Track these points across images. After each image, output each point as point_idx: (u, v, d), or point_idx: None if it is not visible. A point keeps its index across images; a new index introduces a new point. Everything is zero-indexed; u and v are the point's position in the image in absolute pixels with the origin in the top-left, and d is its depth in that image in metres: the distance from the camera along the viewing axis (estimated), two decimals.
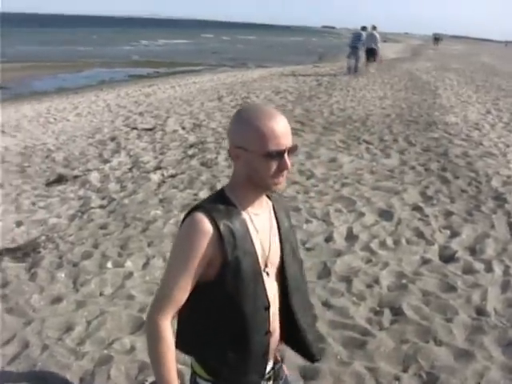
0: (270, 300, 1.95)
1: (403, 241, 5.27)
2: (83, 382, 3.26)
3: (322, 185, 6.98)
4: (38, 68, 30.71)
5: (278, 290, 2.02)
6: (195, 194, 6.67)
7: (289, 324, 2.08)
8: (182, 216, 5.50)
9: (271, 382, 2.11)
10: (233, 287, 1.87)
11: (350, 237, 5.40)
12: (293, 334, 2.11)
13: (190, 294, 1.90)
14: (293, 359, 3.46)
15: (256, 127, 1.78)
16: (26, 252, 5.00)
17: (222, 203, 1.89)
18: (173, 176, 7.53)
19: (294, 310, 2.06)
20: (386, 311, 4.09)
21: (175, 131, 10.73)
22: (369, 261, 4.89)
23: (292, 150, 1.82)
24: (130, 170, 7.99)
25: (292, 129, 1.81)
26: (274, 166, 1.80)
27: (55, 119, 13.10)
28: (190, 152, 8.91)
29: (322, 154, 8.44)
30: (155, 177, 7.51)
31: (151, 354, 1.87)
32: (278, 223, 2.03)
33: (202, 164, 8.11)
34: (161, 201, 6.49)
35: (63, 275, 4.57)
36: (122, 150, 9.29)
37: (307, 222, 5.77)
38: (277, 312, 2.01)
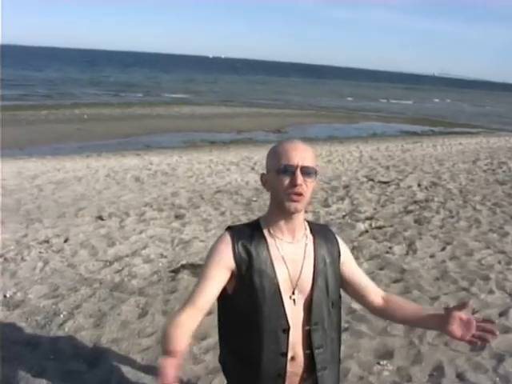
0: (292, 325, 2.07)
1: None
2: (188, 382, 3.60)
3: None
4: (317, 116, 32.86)
5: (304, 320, 2.11)
6: (390, 248, 6.64)
7: (309, 358, 2.16)
8: (366, 265, 5.61)
9: None
10: (247, 303, 2.05)
11: None
12: (310, 371, 2.18)
13: (218, 304, 2.17)
14: None
15: (275, 150, 2.06)
16: None
17: (250, 227, 2.14)
18: (379, 227, 7.57)
19: (314, 345, 2.13)
20: None
21: (409, 187, 10.68)
22: None
23: (305, 169, 1.98)
24: (344, 216, 8.22)
25: None
26: (286, 180, 1.97)
27: None
28: (411, 208, 8.81)
29: None
30: (362, 226, 7.62)
31: (162, 336, 2.14)
32: (314, 256, 2.14)
33: (416, 221, 7.99)
34: (353, 248, 6.58)
35: None
36: (347, 197, 9.58)
37: (490, 292, 5.36)
38: (300, 339, 2.11)
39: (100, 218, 7.61)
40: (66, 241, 6.55)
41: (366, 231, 7.41)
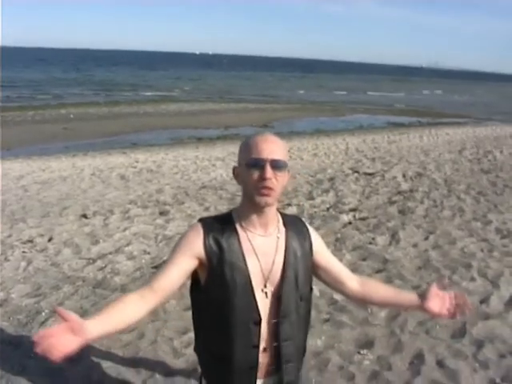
0: (263, 317, 2.08)
1: None
2: (168, 375, 3.64)
3: None
4: (304, 110, 32.86)
5: (274, 312, 2.12)
6: (373, 238, 6.67)
7: (277, 350, 2.17)
8: (349, 256, 5.60)
9: None
10: (218, 295, 2.05)
11: (511, 303, 4.93)
12: (277, 362, 2.19)
13: (191, 296, 2.18)
14: None
15: (246, 143, 2.04)
16: None
17: (221, 220, 2.13)
18: (363, 219, 7.61)
19: (281, 337, 2.14)
20: None
21: (394, 178, 10.73)
22: None
23: (275, 163, 1.96)
24: (328, 209, 8.25)
25: None
26: (255, 174, 1.96)
27: (290, 157, 13.89)
28: (395, 198, 8.86)
29: None
30: (345, 217, 7.66)
31: None
32: (286, 249, 2.14)
33: (400, 211, 8.03)
34: (336, 240, 6.62)
35: None
36: (332, 190, 9.61)
37: (471, 279, 5.40)
38: (270, 331, 2.12)
39: (84, 216, 7.60)
40: (49, 240, 6.55)
41: (350, 223, 7.44)
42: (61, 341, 1.66)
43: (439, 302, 2.18)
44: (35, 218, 7.56)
